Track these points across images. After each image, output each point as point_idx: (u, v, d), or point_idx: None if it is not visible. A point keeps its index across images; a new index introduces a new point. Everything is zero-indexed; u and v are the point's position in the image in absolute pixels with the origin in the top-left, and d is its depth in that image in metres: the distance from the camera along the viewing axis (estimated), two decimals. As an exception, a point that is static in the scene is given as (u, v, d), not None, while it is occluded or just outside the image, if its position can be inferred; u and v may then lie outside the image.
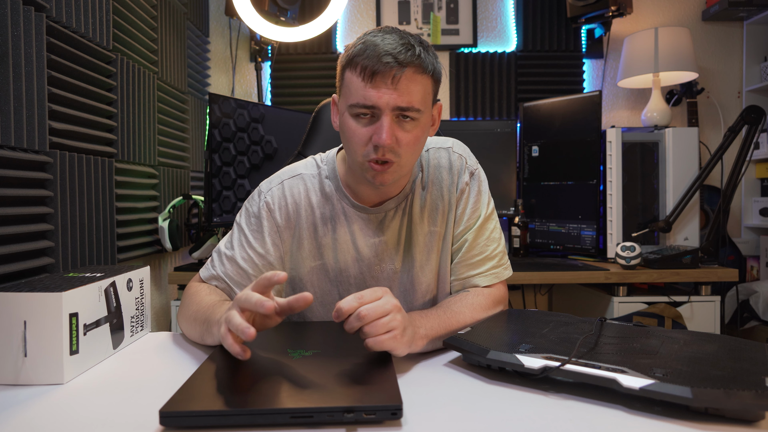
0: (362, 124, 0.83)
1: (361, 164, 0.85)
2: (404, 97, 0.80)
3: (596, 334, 0.77)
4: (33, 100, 1.12)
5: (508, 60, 2.47)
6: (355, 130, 0.83)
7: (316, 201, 0.95)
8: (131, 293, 0.89)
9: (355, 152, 0.85)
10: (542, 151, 2.17)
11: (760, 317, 2.10)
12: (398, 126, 0.82)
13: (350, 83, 0.83)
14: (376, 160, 0.83)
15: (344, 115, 0.85)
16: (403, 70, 0.79)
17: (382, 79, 0.79)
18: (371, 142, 0.82)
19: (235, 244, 0.95)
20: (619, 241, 1.96)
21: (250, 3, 2.03)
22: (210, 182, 1.76)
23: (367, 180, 0.87)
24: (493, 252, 0.97)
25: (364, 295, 0.71)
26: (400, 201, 0.95)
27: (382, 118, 0.81)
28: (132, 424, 0.58)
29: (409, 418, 0.59)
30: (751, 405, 0.55)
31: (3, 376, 0.70)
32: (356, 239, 0.95)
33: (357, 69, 0.81)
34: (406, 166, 0.87)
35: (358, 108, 0.82)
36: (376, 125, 0.82)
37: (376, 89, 0.80)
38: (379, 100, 0.80)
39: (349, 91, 0.83)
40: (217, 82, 2.49)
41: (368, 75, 0.80)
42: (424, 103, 0.83)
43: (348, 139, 0.86)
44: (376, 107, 0.81)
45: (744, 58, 2.50)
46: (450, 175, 0.97)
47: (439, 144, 0.99)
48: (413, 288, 0.97)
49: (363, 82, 0.80)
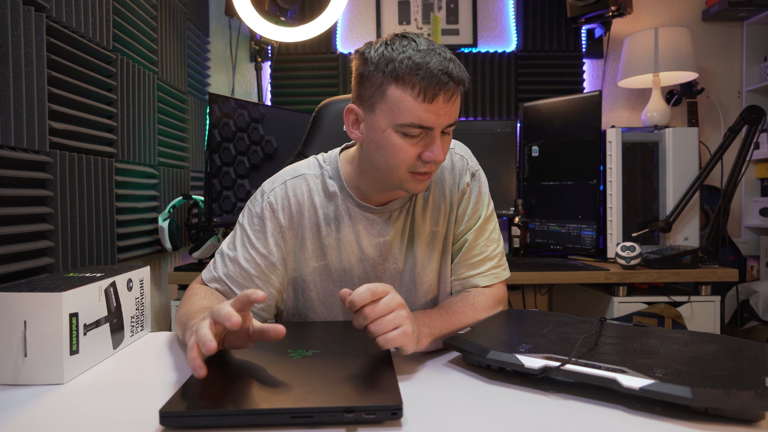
0: (411, 143, 0.82)
1: (402, 177, 0.85)
2: (454, 115, 0.83)
3: (596, 334, 0.77)
4: (33, 100, 1.12)
5: (508, 60, 2.47)
6: (403, 147, 0.82)
7: (319, 201, 0.95)
8: (131, 293, 0.89)
9: (398, 166, 0.84)
10: (542, 151, 2.17)
11: (760, 317, 2.10)
12: (443, 141, 0.84)
13: (401, 102, 0.79)
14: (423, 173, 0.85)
15: (387, 132, 0.82)
16: (458, 89, 0.81)
17: (442, 99, 0.79)
18: (421, 158, 0.83)
19: (237, 244, 0.95)
20: (619, 241, 1.96)
21: (250, 3, 2.03)
22: (210, 182, 1.76)
23: (404, 189, 0.88)
24: (492, 252, 0.98)
25: (377, 288, 0.71)
26: (405, 201, 0.96)
27: (435, 138, 0.82)
28: (132, 424, 0.58)
29: (409, 418, 0.59)
30: (751, 405, 0.55)
31: (3, 376, 0.70)
32: (361, 239, 0.95)
33: (412, 89, 0.79)
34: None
35: (412, 128, 0.80)
36: (425, 142, 0.82)
37: (435, 110, 0.79)
38: (437, 120, 0.80)
39: (398, 110, 0.80)
40: (217, 82, 2.49)
41: (429, 97, 0.78)
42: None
43: (391, 155, 0.83)
44: (431, 127, 0.81)
45: (744, 58, 2.50)
46: (452, 176, 0.98)
47: None
48: (415, 287, 0.98)
49: (420, 103, 0.79)
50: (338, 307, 0.97)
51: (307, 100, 2.46)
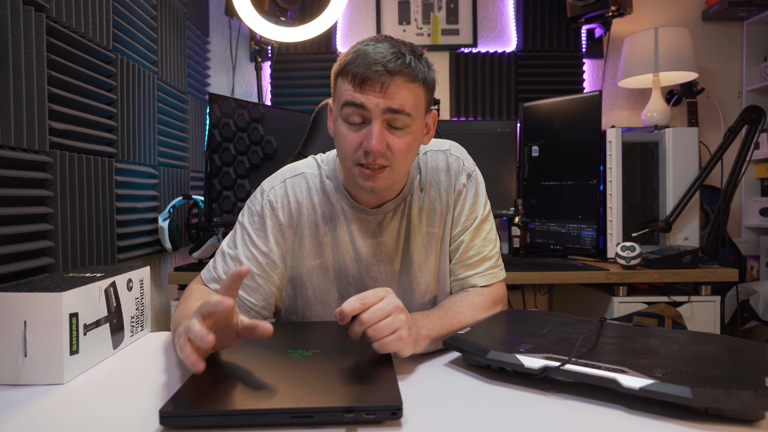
0: (353, 130, 0.84)
1: (351, 170, 0.87)
2: (395, 102, 0.81)
3: (596, 334, 0.77)
4: (33, 100, 1.12)
5: (508, 60, 2.47)
6: (346, 135, 0.84)
7: (318, 200, 0.96)
8: (131, 293, 0.89)
9: (346, 157, 0.86)
10: (542, 151, 2.17)
11: (760, 317, 2.10)
12: (389, 133, 0.83)
13: (341, 90, 0.84)
14: (367, 165, 0.84)
15: (337, 121, 0.86)
16: (392, 78, 0.80)
17: (371, 86, 0.80)
18: (361, 147, 0.83)
19: (238, 243, 0.95)
20: (619, 241, 1.96)
21: (250, 3, 2.03)
22: (210, 182, 1.76)
23: (359, 185, 0.87)
24: (490, 252, 0.99)
25: (366, 296, 0.71)
26: (399, 203, 0.96)
27: (373, 123, 0.82)
28: (132, 424, 0.58)
29: (409, 418, 0.59)
30: (751, 405, 0.55)
31: (3, 376, 0.70)
32: (355, 239, 0.95)
33: (348, 77, 0.82)
34: (398, 172, 0.87)
35: (348, 108, 0.82)
36: (366, 130, 0.82)
37: (366, 94, 0.81)
38: (368, 101, 0.81)
39: (340, 97, 0.84)
40: (217, 82, 2.49)
41: (358, 82, 0.81)
42: (415, 110, 0.84)
43: (339, 144, 0.87)
44: (365, 107, 0.81)
45: (744, 58, 2.50)
46: (447, 177, 0.98)
47: (437, 147, 1.00)
48: (412, 289, 0.98)
49: (353, 90, 0.81)
50: (334, 305, 0.97)
51: (307, 100, 2.46)
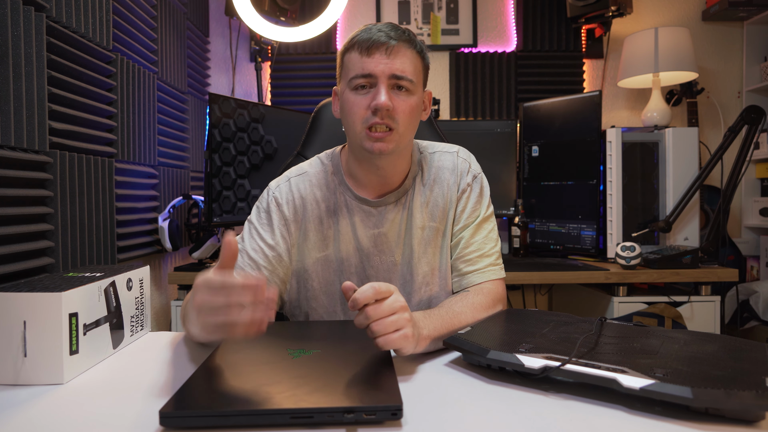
0: (361, 94, 0.90)
1: (359, 135, 0.91)
2: (398, 66, 0.89)
3: (596, 334, 0.77)
4: (33, 100, 1.12)
5: (508, 60, 2.47)
6: (354, 101, 0.90)
7: (321, 195, 1.00)
8: (131, 293, 0.89)
9: (355, 122, 0.91)
10: (542, 151, 2.17)
11: (760, 317, 2.10)
12: (394, 95, 0.90)
13: (349, 61, 0.92)
14: (375, 127, 0.89)
15: (344, 93, 0.92)
16: (395, 44, 0.89)
17: (377, 49, 0.88)
18: (369, 108, 0.89)
19: (245, 237, 1.00)
20: (619, 241, 1.96)
21: (250, 3, 2.03)
22: (210, 182, 1.76)
23: (367, 151, 0.91)
24: (490, 250, 1.01)
25: (380, 286, 0.71)
26: (400, 195, 1.00)
27: (379, 85, 0.89)
28: (132, 424, 0.58)
29: (409, 418, 0.59)
30: (751, 405, 0.55)
31: (3, 376, 0.70)
32: (357, 230, 0.99)
33: (355, 47, 0.90)
34: (403, 137, 0.92)
35: (357, 79, 0.89)
36: (373, 92, 0.89)
37: (372, 59, 0.88)
38: (376, 68, 0.88)
39: (348, 69, 0.92)
40: (217, 82, 2.49)
41: (365, 49, 0.89)
42: (415, 76, 0.91)
43: (348, 111, 0.92)
44: (372, 75, 0.88)
45: (744, 58, 2.50)
46: (453, 176, 1.02)
47: (446, 149, 1.05)
48: (412, 279, 1.01)
49: (360, 56, 0.89)
50: (338, 296, 1.00)
51: (307, 100, 2.46)
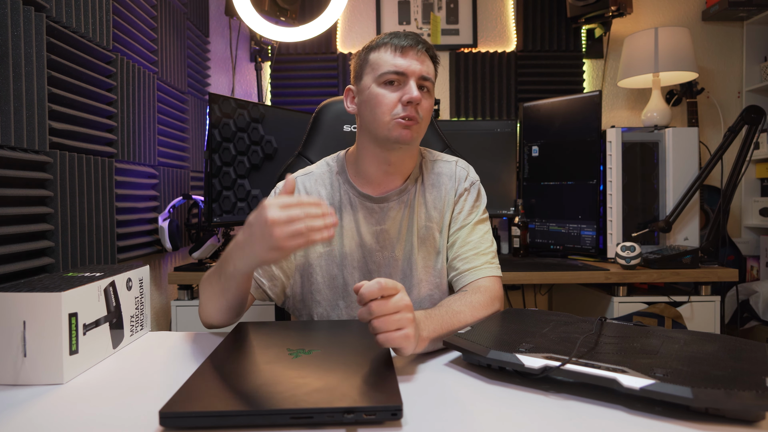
0: (391, 90, 0.96)
1: (389, 124, 0.96)
2: (425, 68, 0.97)
3: (596, 334, 0.77)
4: (33, 100, 1.12)
5: (508, 60, 2.47)
6: (385, 95, 0.96)
7: (326, 193, 1.06)
8: (131, 293, 0.89)
9: (384, 114, 0.96)
10: (542, 151, 2.17)
11: (760, 317, 2.10)
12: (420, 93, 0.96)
13: (379, 59, 0.97)
14: (406, 117, 0.95)
15: (371, 88, 0.98)
16: (422, 48, 0.98)
17: (410, 50, 0.96)
18: (400, 102, 0.95)
19: None
20: (619, 241, 1.96)
21: (250, 3, 2.03)
22: (210, 182, 1.76)
23: (394, 139, 0.96)
24: (486, 249, 1.05)
25: (387, 282, 0.71)
26: (402, 193, 1.05)
27: (410, 83, 0.95)
28: (132, 424, 0.58)
29: (409, 418, 0.59)
30: (751, 405, 0.55)
31: (3, 376, 0.70)
32: (360, 226, 1.03)
33: (387, 48, 0.97)
34: (422, 131, 1.01)
35: (389, 75, 0.96)
36: (404, 89, 0.96)
37: (406, 59, 0.96)
38: (409, 67, 0.96)
39: (378, 66, 0.97)
40: (217, 82, 2.49)
41: (399, 48, 0.96)
42: (434, 81, 1.00)
43: (376, 105, 0.97)
44: (405, 74, 0.96)
45: (744, 58, 2.50)
46: (451, 181, 1.08)
47: (446, 158, 1.12)
48: (411, 274, 1.04)
49: (393, 55, 0.96)
50: (340, 290, 1.03)
51: (307, 100, 2.46)
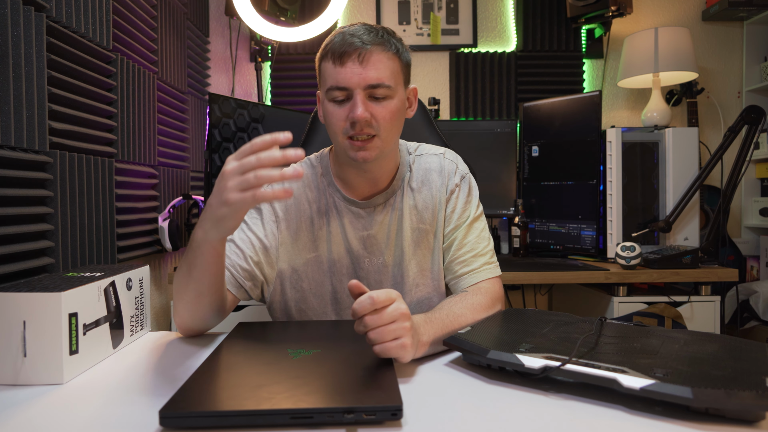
0: (339, 107, 0.90)
1: (342, 144, 0.91)
2: (372, 74, 0.87)
3: (596, 334, 0.77)
4: (33, 100, 1.11)
5: (508, 60, 2.47)
6: (333, 112, 0.90)
7: (312, 196, 1.01)
8: (131, 293, 0.89)
9: (336, 133, 0.91)
10: (542, 151, 2.17)
11: (760, 317, 2.10)
12: (372, 103, 0.89)
13: (324, 71, 0.91)
14: (356, 137, 0.89)
15: (324, 103, 0.92)
16: (367, 49, 0.87)
17: (349, 57, 0.87)
18: (347, 120, 0.88)
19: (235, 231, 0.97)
20: (619, 241, 1.96)
21: (250, 3, 2.03)
22: (210, 182, 1.76)
23: (351, 159, 0.91)
24: (484, 249, 1.02)
25: (378, 296, 0.69)
26: (388, 197, 1.00)
27: (355, 97, 0.87)
28: (132, 424, 0.58)
29: (409, 418, 0.59)
30: (751, 405, 0.55)
31: (2, 376, 0.70)
32: (347, 232, 1.00)
33: (328, 56, 0.89)
34: (387, 141, 0.92)
35: (333, 91, 0.89)
36: (350, 104, 0.88)
37: (345, 69, 0.87)
38: (350, 80, 0.87)
39: (324, 79, 0.91)
40: (217, 82, 2.49)
41: (337, 57, 0.87)
42: (393, 80, 0.90)
43: (328, 122, 0.92)
44: (348, 88, 0.87)
45: (744, 58, 2.50)
46: (440, 177, 1.03)
47: (432, 151, 1.06)
48: (403, 280, 1.01)
49: (334, 66, 0.88)
50: (329, 297, 1.00)
51: (307, 100, 2.46)
